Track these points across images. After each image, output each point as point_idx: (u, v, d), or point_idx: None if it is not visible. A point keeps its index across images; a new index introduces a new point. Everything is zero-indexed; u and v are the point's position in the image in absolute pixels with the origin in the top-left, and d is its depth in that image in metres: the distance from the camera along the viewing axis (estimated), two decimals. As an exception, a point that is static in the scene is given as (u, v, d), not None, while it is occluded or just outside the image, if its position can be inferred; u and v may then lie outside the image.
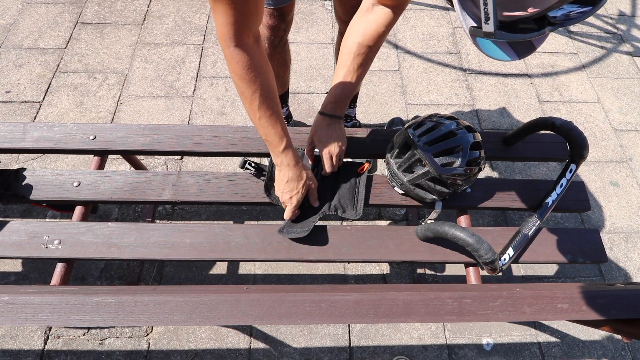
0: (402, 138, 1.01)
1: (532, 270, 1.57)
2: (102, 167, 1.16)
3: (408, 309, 0.67)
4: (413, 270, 1.52)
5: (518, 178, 1.78)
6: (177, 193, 1.07)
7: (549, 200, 1.05)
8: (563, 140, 1.19)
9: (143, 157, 1.69)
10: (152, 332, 1.36)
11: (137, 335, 1.35)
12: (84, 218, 1.07)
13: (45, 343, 1.33)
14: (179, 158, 1.73)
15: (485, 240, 0.87)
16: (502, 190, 1.12)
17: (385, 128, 1.82)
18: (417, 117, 1.05)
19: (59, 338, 1.34)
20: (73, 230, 0.99)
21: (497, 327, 1.45)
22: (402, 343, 1.39)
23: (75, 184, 1.07)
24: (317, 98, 1.93)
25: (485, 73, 2.08)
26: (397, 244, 1.01)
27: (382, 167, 1.77)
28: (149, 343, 1.34)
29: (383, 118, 1.89)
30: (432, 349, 1.39)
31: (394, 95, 1.97)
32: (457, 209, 1.12)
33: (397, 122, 1.81)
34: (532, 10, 0.48)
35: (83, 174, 1.09)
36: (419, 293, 0.69)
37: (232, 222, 1.60)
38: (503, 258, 0.99)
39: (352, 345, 1.37)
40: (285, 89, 1.57)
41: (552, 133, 1.08)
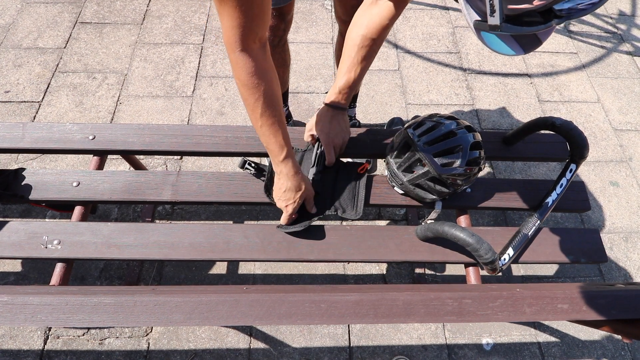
0: (402, 138, 1.01)
1: (532, 270, 1.57)
2: (101, 167, 1.16)
3: (408, 310, 0.67)
4: (413, 270, 1.52)
5: (518, 178, 1.77)
6: (176, 193, 1.07)
7: (549, 200, 1.05)
8: (563, 140, 1.19)
9: (142, 157, 1.69)
10: (151, 332, 1.36)
11: (136, 335, 1.35)
12: (84, 218, 1.07)
13: (45, 343, 1.32)
14: (179, 158, 1.73)
15: (485, 240, 0.87)
16: (502, 190, 1.12)
17: (385, 128, 1.82)
18: (417, 116, 1.05)
19: (59, 338, 1.34)
20: (72, 230, 0.99)
21: (497, 327, 1.45)
22: (401, 343, 1.39)
23: (75, 184, 1.07)
24: (316, 98, 1.93)
25: (485, 73, 2.08)
26: (397, 244, 1.01)
27: (382, 167, 1.77)
28: (149, 343, 1.34)
29: (383, 118, 1.89)
30: (431, 349, 1.39)
31: (394, 95, 1.97)
32: (457, 209, 1.12)
33: (397, 122, 1.81)
34: (537, 3, 0.48)
35: (82, 174, 1.09)
36: (419, 293, 0.69)
37: (231, 222, 1.59)
38: (503, 258, 0.99)
39: (351, 345, 1.37)
40: (285, 89, 1.57)
41: (552, 133, 1.08)
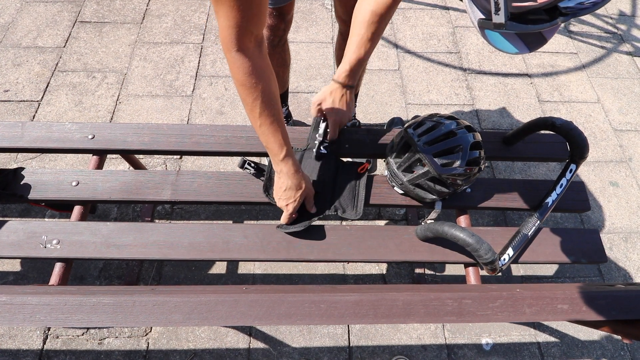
0: (401, 138, 1.01)
1: (531, 270, 1.57)
2: (100, 166, 1.16)
3: (408, 310, 0.67)
4: (412, 270, 1.52)
5: (518, 178, 1.77)
6: (176, 193, 1.06)
7: (549, 201, 1.05)
8: (563, 140, 1.19)
9: (142, 156, 1.69)
10: (151, 331, 1.36)
11: (136, 335, 1.35)
12: (83, 218, 1.06)
13: (44, 343, 1.32)
14: (178, 157, 1.73)
15: (485, 241, 0.87)
16: (502, 190, 1.12)
17: (385, 128, 1.82)
18: (417, 116, 1.05)
19: (58, 338, 1.33)
20: (72, 230, 0.99)
21: (496, 327, 1.45)
22: (401, 343, 1.39)
23: (74, 184, 1.06)
24: (316, 97, 1.93)
25: (485, 73, 2.08)
26: (396, 244, 1.01)
27: (381, 167, 1.77)
28: (148, 343, 1.34)
29: (383, 118, 1.89)
30: (431, 349, 1.39)
31: (394, 95, 1.96)
32: (456, 209, 1.12)
33: (397, 121, 1.81)
34: (542, 1, 0.48)
35: (82, 174, 1.09)
36: (419, 294, 0.69)
37: (231, 221, 1.59)
38: (503, 258, 0.99)
39: (351, 345, 1.37)
40: (285, 89, 1.57)
41: (552, 133, 1.08)
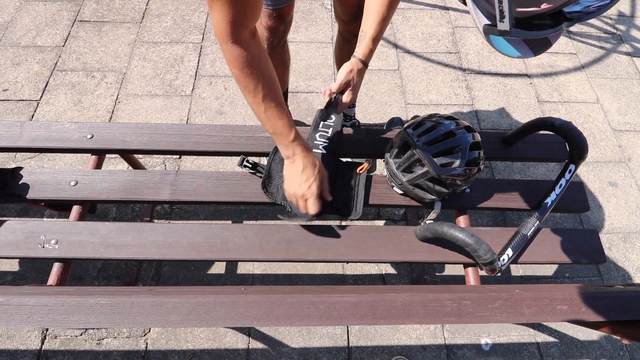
0: (401, 138, 1.01)
1: (530, 271, 1.57)
2: (99, 166, 1.15)
3: (407, 311, 0.67)
4: (412, 270, 1.52)
5: (517, 178, 1.77)
6: (175, 192, 1.06)
7: (548, 201, 1.05)
8: (562, 141, 1.19)
9: (141, 156, 1.69)
10: (149, 332, 1.36)
11: (134, 335, 1.35)
12: (81, 217, 1.06)
13: (43, 343, 1.32)
14: (178, 157, 1.72)
15: (484, 241, 0.87)
16: (501, 191, 1.11)
17: (385, 128, 1.82)
18: (416, 116, 1.04)
19: (56, 338, 1.33)
20: (70, 230, 0.99)
21: (495, 327, 1.45)
22: (400, 343, 1.39)
23: (73, 183, 1.06)
24: (316, 97, 1.93)
25: (485, 73, 2.07)
26: (396, 244, 1.01)
27: (381, 167, 1.77)
28: (147, 343, 1.34)
29: (382, 118, 1.88)
30: (430, 349, 1.38)
31: (394, 95, 1.96)
32: (456, 209, 1.11)
33: (396, 121, 1.81)
34: (545, 6, 0.47)
35: (80, 173, 1.08)
36: (418, 294, 0.69)
37: (230, 221, 1.59)
38: (502, 258, 0.98)
39: (350, 346, 1.37)
40: (285, 89, 1.56)
41: (551, 133, 1.07)
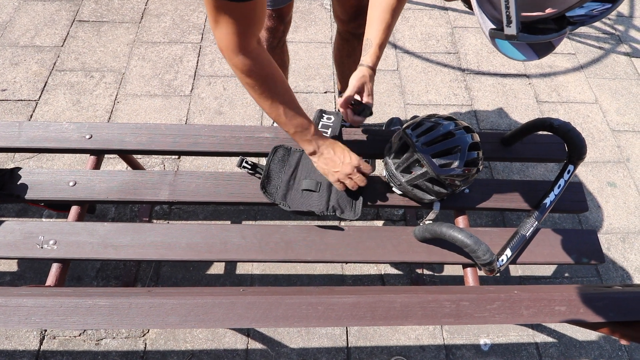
0: (400, 138, 1.01)
1: (529, 271, 1.57)
2: (98, 166, 1.15)
3: (405, 312, 0.67)
4: (411, 271, 1.52)
5: (516, 179, 1.78)
6: (174, 193, 1.06)
7: (547, 201, 1.05)
8: (561, 141, 1.19)
9: (140, 156, 1.68)
10: (148, 332, 1.36)
11: (133, 336, 1.35)
12: (80, 218, 1.06)
13: (41, 343, 1.32)
14: (176, 157, 1.72)
15: (483, 242, 0.87)
16: (500, 191, 1.12)
17: (384, 128, 1.82)
18: (415, 117, 1.04)
19: (55, 338, 1.33)
20: (69, 230, 0.99)
21: (494, 327, 1.45)
22: (399, 343, 1.39)
23: (71, 184, 1.06)
24: (315, 97, 1.92)
25: (484, 73, 2.08)
26: (395, 245, 1.01)
27: (380, 167, 1.77)
28: (146, 343, 1.34)
29: (381, 118, 1.88)
30: (429, 350, 1.39)
31: (393, 95, 1.96)
32: (455, 210, 1.11)
33: (395, 122, 1.81)
34: (549, 11, 0.48)
35: (79, 174, 1.08)
36: (417, 295, 0.69)
37: (229, 222, 1.59)
38: (501, 259, 0.98)
39: (349, 346, 1.37)
40: (284, 89, 1.56)
41: (550, 134, 1.08)
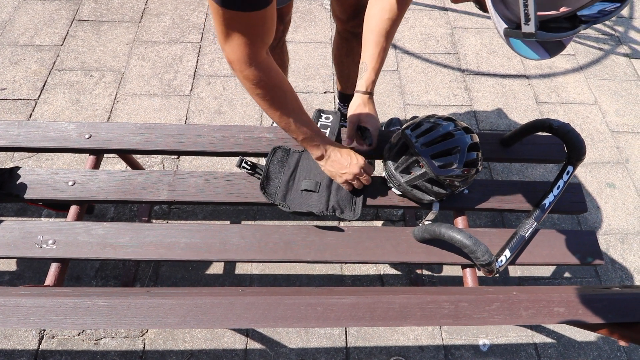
0: (399, 139, 1.01)
1: (528, 272, 1.57)
2: (97, 166, 1.15)
3: (404, 312, 0.67)
4: (410, 271, 1.52)
5: (515, 179, 1.78)
6: (173, 193, 1.06)
7: (546, 202, 1.05)
8: (560, 142, 1.19)
9: (139, 156, 1.68)
10: (147, 332, 1.36)
11: (132, 336, 1.35)
12: (79, 218, 1.06)
13: (40, 343, 1.32)
14: (176, 157, 1.72)
15: (482, 242, 0.87)
16: (499, 192, 1.12)
17: (383, 128, 1.82)
18: (415, 117, 1.04)
19: (54, 338, 1.33)
20: (68, 230, 0.99)
21: (493, 327, 1.45)
22: (398, 344, 1.39)
23: (70, 183, 1.06)
24: (315, 97, 1.92)
25: (484, 74, 2.08)
26: (394, 245, 1.01)
27: (379, 167, 1.77)
28: (145, 343, 1.34)
29: (381, 118, 1.88)
30: (428, 350, 1.39)
31: (392, 96, 1.96)
32: (454, 210, 1.12)
33: (395, 122, 1.81)
34: (564, 10, 0.50)
35: (78, 173, 1.08)
36: (416, 296, 0.69)
37: (228, 222, 1.59)
38: (500, 260, 0.98)
39: (348, 346, 1.37)
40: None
41: (549, 135, 1.08)
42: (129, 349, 1.32)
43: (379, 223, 1.63)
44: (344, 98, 1.68)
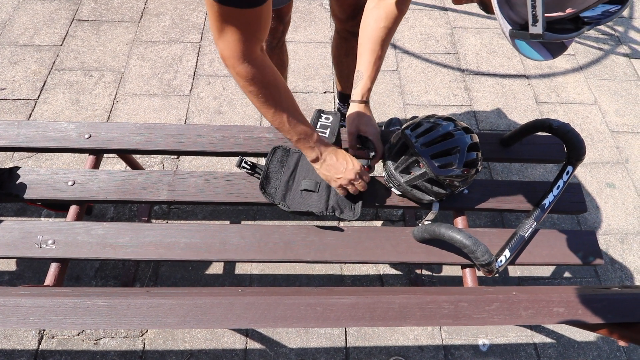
0: (399, 139, 1.01)
1: (528, 272, 1.57)
2: (97, 166, 1.15)
3: (404, 313, 0.67)
4: (410, 271, 1.52)
5: (515, 179, 1.78)
6: (173, 193, 1.06)
7: (546, 202, 1.05)
8: (560, 142, 1.19)
9: (139, 156, 1.68)
10: (147, 332, 1.35)
11: (132, 336, 1.35)
12: (79, 218, 1.06)
13: (40, 343, 1.32)
14: (176, 157, 1.72)
15: (482, 242, 0.87)
16: (499, 192, 1.12)
17: (383, 128, 1.81)
18: (415, 117, 1.04)
19: (54, 338, 1.33)
20: (67, 230, 0.99)
21: (493, 327, 1.45)
22: (398, 344, 1.39)
23: (70, 183, 1.06)
24: (314, 97, 1.92)
25: (483, 74, 2.08)
26: (393, 245, 1.01)
27: (379, 167, 1.77)
28: (144, 343, 1.34)
29: (381, 118, 1.88)
30: (428, 350, 1.39)
31: (392, 96, 1.96)
32: (454, 210, 1.12)
33: (394, 122, 1.81)
34: (569, 11, 0.50)
35: (78, 173, 1.08)
36: (415, 296, 0.69)
37: (228, 222, 1.59)
38: (499, 260, 0.98)
39: (348, 346, 1.37)
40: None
41: (549, 135, 1.08)
42: (129, 349, 1.32)
43: (379, 223, 1.63)
44: (344, 98, 1.68)
